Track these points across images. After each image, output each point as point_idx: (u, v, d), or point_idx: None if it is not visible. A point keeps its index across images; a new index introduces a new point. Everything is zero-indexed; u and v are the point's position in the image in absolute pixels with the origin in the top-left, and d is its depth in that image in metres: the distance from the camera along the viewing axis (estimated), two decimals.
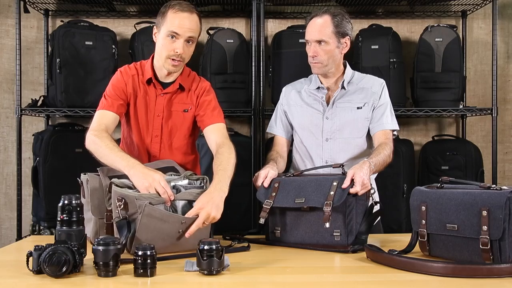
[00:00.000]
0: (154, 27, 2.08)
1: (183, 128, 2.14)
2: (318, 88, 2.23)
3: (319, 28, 2.12)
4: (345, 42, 2.17)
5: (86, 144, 1.97)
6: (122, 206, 1.67)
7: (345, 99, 2.20)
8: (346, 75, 2.21)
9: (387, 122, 2.18)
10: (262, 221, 1.89)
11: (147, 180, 1.74)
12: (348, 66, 2.25)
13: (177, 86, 2.11)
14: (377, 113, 2.18)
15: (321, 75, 2.22)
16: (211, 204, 1.73)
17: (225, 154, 1.96)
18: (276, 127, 2.30)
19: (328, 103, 2.21)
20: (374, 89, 2.21)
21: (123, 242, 1.60)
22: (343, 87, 2.20)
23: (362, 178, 1.81)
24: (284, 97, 2.31)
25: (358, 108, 2.19)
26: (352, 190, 1.79)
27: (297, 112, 2.25)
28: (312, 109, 2.22)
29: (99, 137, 1.94)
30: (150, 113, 2.10)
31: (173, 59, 2.02)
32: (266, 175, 1.97)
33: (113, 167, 1.85)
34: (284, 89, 2.34)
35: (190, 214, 1.71)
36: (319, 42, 2.12)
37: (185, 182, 1.85)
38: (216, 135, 2.07)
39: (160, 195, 1.71)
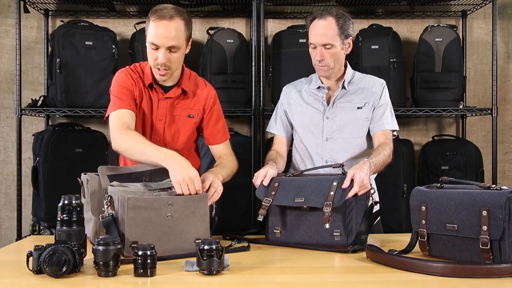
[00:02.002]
0: (145, 32, 2.02)
1: (187, 133, 2.14)
2: (319, 87, 2.23)
3: (324, 31, 2.10)
4: (348, 43, 2.17)
5: (113, 146, 1.95)
6: (108, 204, 1.66)
7: (346, 99, 2.20)
8: (347, 75, 2.21)
9: (387, 122, 2.18)
10: (260, 218, 1.89)
11: (181, 174, 1.74)
12: (349, 66, 2.25)
13: (179, 91, 2.09)
14: (377, 113, 2.18)
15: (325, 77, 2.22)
16: (213, 175, 1.90)
17: (225, 160, 2.12)
18: (276, 127, 2.31)
19: (328, 103, 2.21)
20: (375, 89, 2.21)
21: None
22: (343, 87, 2.20)
23: (362, 178, 1.81)
24: (284, 96, 2.31)
25: (358, 108, 2.19)
26: (350, 193, 1.79)
27: (297, 111, 2.25)
28: (312, 108, 2.22)
29: (128, 135, 1.91)
30: (153, 116, 2.09)
31: (158, 69, 2.00)
32: (265, 174, 1.97)
33: (149, 162, 1.84)
34: (284, 88, 2.34)
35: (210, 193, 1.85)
36: (325, 45, 2.11)
37: None
38: (223, 150, 2.20)
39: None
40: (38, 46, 3.40)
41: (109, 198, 1.66)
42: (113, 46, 3.09)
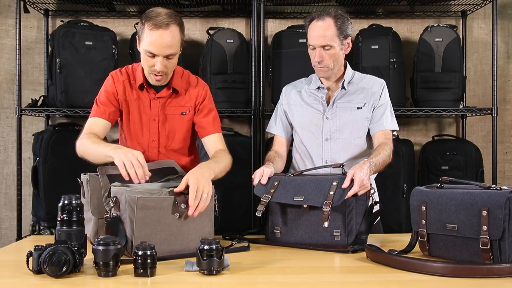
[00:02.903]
0: (137, 36, 2.03)
1: (182, 131, 2.14)
2: (319, 88, 2.23)
3: (323, 32, 2.10)
4: (348, 43, 2.16)
5: (76, 151, 1.97)
6: (113, 205, 1.65)
7: (345, 99, 2.20)
8: (346, 75, 2.21)
9: (387, 122, 2.18)
10: (259, 213, 1.88)
11: (125, 154, 1.72)
12: (348, 66, 2.25)
13: (170, 90, 2.09)
14: (377, 113, 2.18)
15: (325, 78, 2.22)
16: (200, 176, 1.73)
17: (220, 156, 2.03)
18: (275, 127, 2.31)
19: (328, 103, 2.21)
20: (374, 89, 2.21)
21: (124, 244, 1.59)
22: (343, 87, 2.20)
23: (362, 178, 1.81)
24: (284, 96, 2.32)
25: (358, 108, 2.19)
26: (350, 192, 1.79)
27: (297, 111, 2.25)
28: (312, 109, 2.22)
29: (85, 138, 1.95)
30: (145, 117, 2.10)
31: (155, 74, 2.01)
32: (262, 174, 1.98)
33: (100, 158, 1.84)
34: (284, 88, 2.34)
35: (179, 187, 1.69)
36: (324, 46, 2.11)
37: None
38: (216, 143, 2.13)
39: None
40: (38, 46, 3.40)
41: (114, 198, 1.66)
42: (113, 46, 3.09)
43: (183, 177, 1.87)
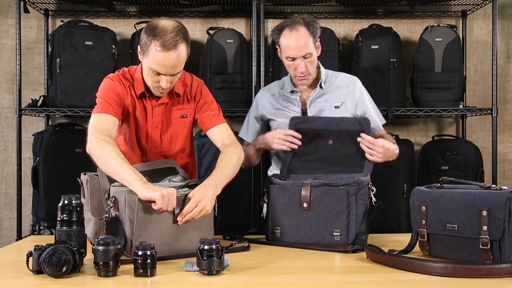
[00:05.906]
0: (139, 46, 1.95)
1: (183, 134, 2.12)
2: (292, 91, 2.26)
3: (302, 42, 2.12)
4: (318, 45, 2.19)
5: (89, 147, 1.80)
6: (112, 205, 1.64)
7: (323, 99, 2.23)
8: (322, 75, 2.24)
9: (380, 121, 2.22)
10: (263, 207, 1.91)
11: (167, 191, 1.63)
12: (321, 65, 2.27)
13: (172, 95, 2.05)
14: (368, 117, 2.19)
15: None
16: (206, 199, 1.71)
17: (228, 154, 1.95)
18: (247, 135, 2.36)
19: (302, 102, 2.22)
20: (350, 88, 2.25)
21: (123, 244, 1.59)
22: (320, 87, 2.22)
23: (382, 145, 1.93)
24: (258, 103, 2.34)
25: (335, 107, 2.21)
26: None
27: (274, 114, 2.28)
28: (289, 111, 2.25)
29: (108, 143, 1.78)
30: (148, 124, 2.06)
31: (159, 88, 1.95)
32: (286, 133, 2.08)
33: (118, 178, 1.70)
34: (258, 95, 2.38)
35: (189, 208, 1.68)
36: (305, 56, 2.13)
37: (186, 189, 1.77)
38: (222, 135, 2.06)
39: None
40: (38, 46, 3.40)
41: (114, 199, 1.66)
42: (113, 46, 3.09)
43: (183, 177, 1.88)
